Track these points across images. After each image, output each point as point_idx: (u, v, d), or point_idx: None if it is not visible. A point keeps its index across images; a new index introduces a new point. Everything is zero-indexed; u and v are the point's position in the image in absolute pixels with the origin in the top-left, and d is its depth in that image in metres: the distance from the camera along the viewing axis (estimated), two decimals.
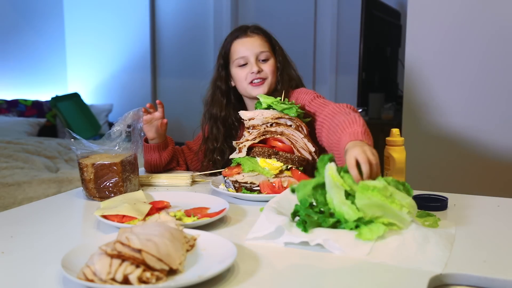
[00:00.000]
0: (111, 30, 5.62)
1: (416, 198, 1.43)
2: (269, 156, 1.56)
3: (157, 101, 1.77)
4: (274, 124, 1.60)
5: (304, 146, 1.59)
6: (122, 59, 5.66)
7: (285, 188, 1.49)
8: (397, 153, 1.45)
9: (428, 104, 2.70)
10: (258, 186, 1.52)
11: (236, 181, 1.54)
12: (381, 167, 1.48)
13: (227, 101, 1.90)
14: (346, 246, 1.07)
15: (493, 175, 2.63)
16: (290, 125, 1.60)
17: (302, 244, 1.10)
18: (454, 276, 0.98)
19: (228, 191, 1.55)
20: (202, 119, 1.95)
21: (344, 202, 1.11)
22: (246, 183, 1.53)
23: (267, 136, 1.60)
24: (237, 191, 1.54)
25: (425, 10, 2.65)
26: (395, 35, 4.25)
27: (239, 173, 1.56)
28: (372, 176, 1.18)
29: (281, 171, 1.55)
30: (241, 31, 1.86)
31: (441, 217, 1.23)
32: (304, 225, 1.12)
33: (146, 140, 1.83)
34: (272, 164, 1.55)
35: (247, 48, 1.82)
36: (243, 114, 1.66)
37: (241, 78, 1.82)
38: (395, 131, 1.47)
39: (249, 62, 1.81)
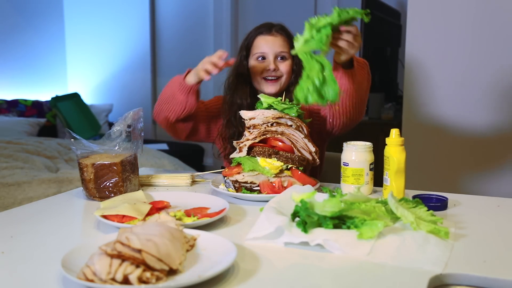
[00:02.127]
0: (111, 30, 5.63)
1: (416, 198, 1.43)
2: (270, 156, 1.56)
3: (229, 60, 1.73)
4: (274, 124, 1.61)
5: (304, 146, 1.59)
6: (122, 58, 5.66)
7: (285, 188, 1.49)
8: (397, 153, 1.45)
9: (428, 104, 2.70)
10: (258, 186, 1.52)
11: (236, 181, 1.54)
12: (382, 167, 1.49)
13: (251, 89, 1.93)
14: (346, 246, 1.07)
15: (493, 175, 2.63)
16: (291, 125, 1.61)
17: (302, 244, 1.10)
18: (454, 276, 0.98)
19: (228, 191, 1.55)
20: (224, 107, 1.95)
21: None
22: (246, 182, 1.53)
23: (268, 135, 1.60)
24: (237, 191, 1.54)
25: (425, 10, 2.65)
26: (395, 35, 4.25)
27: (239, 173, 1.56)
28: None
29: (281, 171, 1.55)
30: (266, 28, 1.91)
31: (441, 217, 1.23)
32: (304, 226, 1.12)
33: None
34: (272, 164, 1.55)
35: (268, 46, 1.87)
36: (244, 114, 1.66)
37: (257, 71, 1.88)
38: (395, 131, 1.47)
39: (267, 58, 1.87)
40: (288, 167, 1.56)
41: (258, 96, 1.72)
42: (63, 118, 5.00)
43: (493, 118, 2.59)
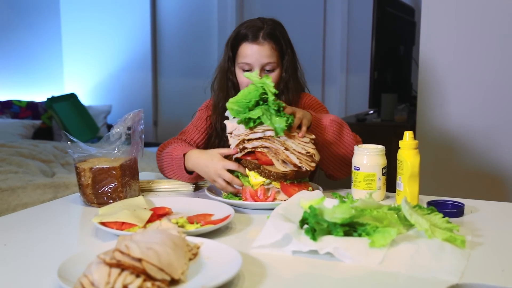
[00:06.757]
0: (110, 28, 5.64)
1: (431, 204, 1.43)
2: (252, 170, 1.54)
3: None
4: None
5: (286, 159, 1.53)
6: (121, 58, 5.68)
7: (268, 197, 1.51)
8: (411, 157, 1.44)
9: (443, 105, 2.69)
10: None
11: None
12: (394, 171, 1.48)
13: (236, 88, 1.90)
14: (357, 255, 1.07)
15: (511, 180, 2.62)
16: (270, 136, 1.53)
17: (310, 252, 1.10)
18: (471, 286, 0.98)
19: (223, 197, 1.55)
20: (212, 112, 1.92)
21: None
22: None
23: (248, 148, 1.56)
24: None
25: (440, 6, 2.65)
26: (409, 32, 4.25)
27: None
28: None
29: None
30: (253, 33, 1.81)
31: (457, 224, 1.23)
32: (313, 233, 1.12)
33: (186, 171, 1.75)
34: (253, 179, 1.54)
35: (254, 56, 1.80)
36: (228, 126, 1.61)
37: (243, 82, 1.83)
38: (409, 133, 1.47)
39: (253, 70, 1.81)
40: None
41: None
42: (59, 120, 5.02)
43: None
